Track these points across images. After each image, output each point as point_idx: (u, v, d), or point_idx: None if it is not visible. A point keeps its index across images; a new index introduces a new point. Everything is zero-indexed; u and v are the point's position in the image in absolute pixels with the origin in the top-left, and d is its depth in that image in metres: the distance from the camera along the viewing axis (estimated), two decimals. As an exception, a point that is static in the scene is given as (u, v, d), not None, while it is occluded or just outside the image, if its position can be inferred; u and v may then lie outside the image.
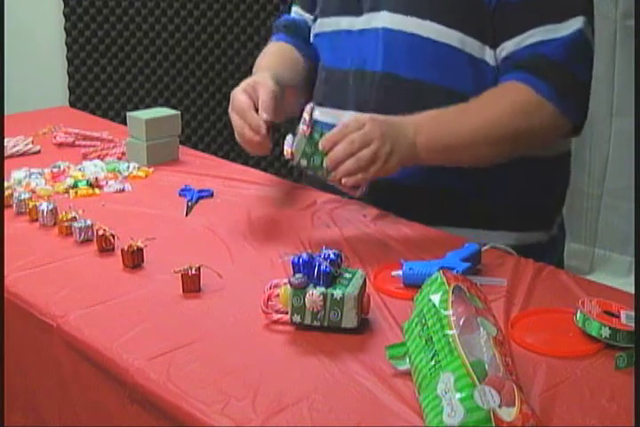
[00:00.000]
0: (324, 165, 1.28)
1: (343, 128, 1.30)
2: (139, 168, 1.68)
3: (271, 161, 3.19)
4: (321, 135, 1.29)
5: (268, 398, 0.92)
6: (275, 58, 1.66)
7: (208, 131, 3.25)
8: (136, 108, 3.12)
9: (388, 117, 1.35)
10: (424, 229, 1.41)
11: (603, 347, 1.02)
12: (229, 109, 1.42)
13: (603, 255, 3.01)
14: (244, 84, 1.43)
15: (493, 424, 0.79)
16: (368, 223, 1.42)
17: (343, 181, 1.29)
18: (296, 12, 1.76)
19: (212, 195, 1.55)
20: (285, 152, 1.30)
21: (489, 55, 1.44)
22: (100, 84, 3.24)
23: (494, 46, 1.44)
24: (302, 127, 1.29)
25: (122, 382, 0.99)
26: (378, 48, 1.51)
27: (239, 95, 1.39)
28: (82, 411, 1.09)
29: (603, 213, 2.96)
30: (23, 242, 1.34)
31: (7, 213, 1.44)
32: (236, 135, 1.40)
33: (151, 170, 1.69)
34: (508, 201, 1.53)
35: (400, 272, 1.18)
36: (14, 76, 2.20)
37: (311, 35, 1.70)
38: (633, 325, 1.01)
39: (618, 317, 1.03)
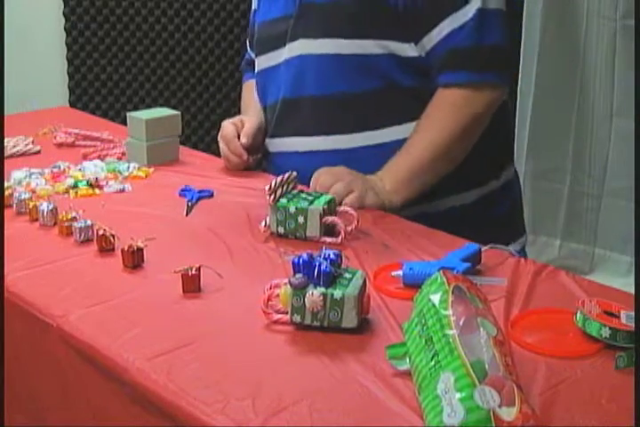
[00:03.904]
0: (300, 223, 1.34)
1: (314, 180, 1.48)
2: (139, 168, 1.68)
3: (271, 161, 3.19)
4: (289, 200, 1.35)
5: (268, 398, 0.92)
6: (255, 101, 1.79)
7: (208, 131, 3.25)
8: (136, 108, 3.12)
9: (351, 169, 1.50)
10: (424, 229, 1.41)
11: (603, 347, 1.02)
12: (218, 137, 1.71)
13: (603, 255, 3.01)
14: (234, 118, 1.71)
15: (493, 424, 0.79)
16: (368, 223, 1.42)
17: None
18: (249, 53, 1.89)
19: (211, 195, 1.55)
20: (262, 230, 1.37)
21: (413, 49, 1.53)
22: (100, 84, 3.24)
23: (416, 43, 1.52)
24: (267, 199, 1.36)
25: (122, 382, 0.99)
26: (300, 75, 1.60)
27: (227, 125, 1.69)
28: (82, 411, 1.09)
29: (603, 213, 2.96)
30: (23, 242, 1.34)
31: (7, 213, 1.44)
32: (222, 158, 1.70)
33: (151, 170, 1.69)
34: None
35: (400, 272, 1.18)
36: (14, 77, 2.19)
37: None
38: (633, 325, 1.01)
39: (618, 317, 1.03)
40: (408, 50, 1.53)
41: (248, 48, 1.90)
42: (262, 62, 1.72)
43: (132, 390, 0.98)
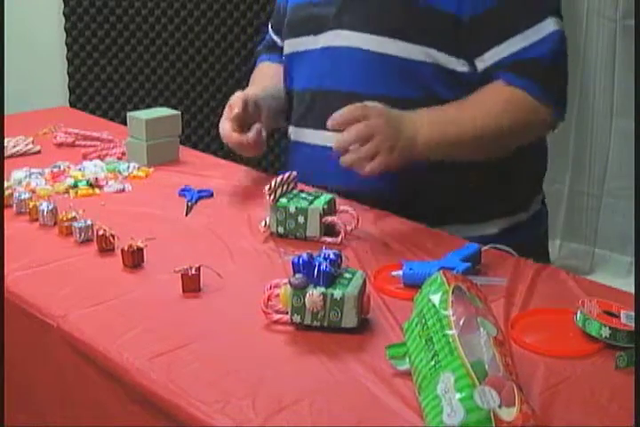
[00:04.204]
0: (300, 223, 1.33)
1: (347, 113, 1.34)
2: (139, 168, 1.68)
3: (272, 161, 3.19)
4: (289, 200, 1.35)
5: (268, 398, 0.92)
6: (262, 78, 1.76)
7: (208, 131, 3.25)
8: (136, 108, 3.12)
9: (390, 111, 1.38)
10: (424, 230, 1.41)
11: (603, 347, 1.02)
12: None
13: (603, 255, 3.01)
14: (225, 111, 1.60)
15: (493, 424, 0.79)
16: (368, 223, 1.42)
17: (355, 168, 1.34)
18: (270, 34, 1.82)
19: (211, 195, 1.55)
20: (262, 230, 1.37)
21: (460, 64, 1.47)
22: (100, 84, 3.24)
23: (471, 57, 1.46)
24: (267, 198, 1.35)
25: (122, 382, 0.99)
26: (337, 67, 1.54)
27: (221, 124, 1.58)
28: (82, 410, 1.09)
29: (603, 213, 2.96)
30: (23, 242, 1.34)
31: (7, 213, 1.44)
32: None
33: (151, 170, 1.69)
34: (483, 195, 1.54)
35: (400, 272, 1.18)
36: (14, 76, 2.19)
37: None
38: (633, 325, 1.01)
39: (618, 317, 1.03)
40: (456, 64, 1.47)
41: (270, 30, 1.82)
42: (292, 45, 1.66)
43: (131, 390, 0.98)
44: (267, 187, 1.34)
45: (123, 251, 1.24)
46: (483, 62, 1.46)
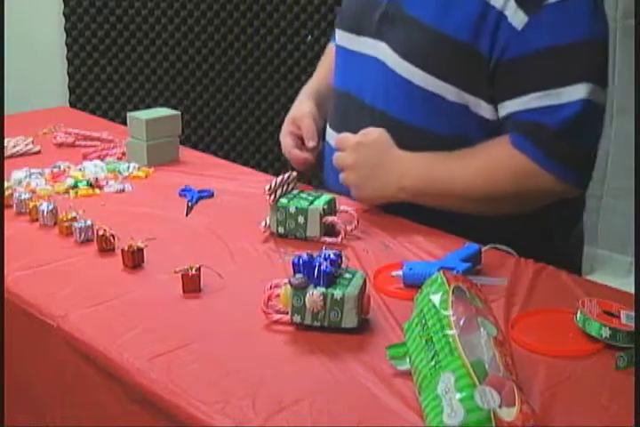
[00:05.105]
0: (300, 223, 1.33)
1: (337, 142, 1.46)
2: (139, 168, 1.68)
3: (271, 161, 3.19)
4: (289, 200, 1.35)
5: (268, 398, 0.92)
6: (325, 70, 1.75)
7: (208, 131, 3.25)
8: (136, 108, 3.12)
9: (381, 149, 1.41)
10: (424, 230, 1.41)
11: (603, 347, 1.02)
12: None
13: (603, 255, 3.01)
14: (286, 123, 1.66)
15: (494, 424, 0.79)
16: (368, 223, 1.42)
17: None
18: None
19: (212, 195, 1.55)
20: (262, 230, 1.37)
21: (485, 109, 1.39)
22: (100, 84, 3.24)
23: (494, 102, 1.38)
24: (267, 199, 1.35)
25: (122, 382, 0.99)
26: (378, 85, 1.47)
27: (283, 139, 1.65)
28: (82, 411, 1.09)
29: (603, 213, 2.96)
30: (23, 242, 1.34)
31: (7, 213, 1.44)
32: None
33: (151, 170, 1.69)
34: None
35: (400, 272, 1.18)
36: (14, 76, 2.20)
37: None
38: (633, 325, 1.01)
39: (618, 317, 1.03)
40: (481, 106, 1.39)
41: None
42: (338, 37, 1.60)
43: (131, 390, 0.98)
44: (267, 187, 1.34)
45: (123, 251, 1.24)
46: (503, 109, 1.37)
